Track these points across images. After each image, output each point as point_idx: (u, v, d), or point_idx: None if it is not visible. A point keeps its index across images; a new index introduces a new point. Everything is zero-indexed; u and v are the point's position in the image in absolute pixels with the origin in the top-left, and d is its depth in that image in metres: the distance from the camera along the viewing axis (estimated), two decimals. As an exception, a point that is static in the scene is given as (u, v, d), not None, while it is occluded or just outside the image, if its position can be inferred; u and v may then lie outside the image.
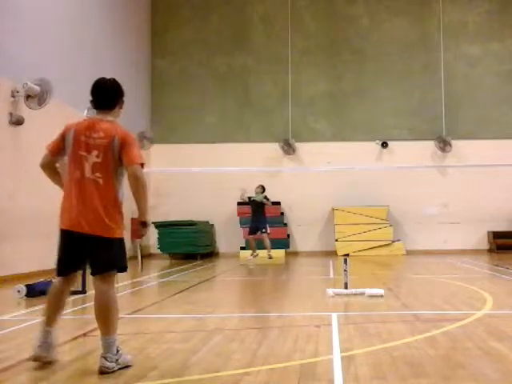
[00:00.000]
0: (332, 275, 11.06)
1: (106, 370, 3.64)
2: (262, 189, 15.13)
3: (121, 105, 4.13)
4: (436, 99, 18.57)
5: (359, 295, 7.31)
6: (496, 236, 17.92)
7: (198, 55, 19.13)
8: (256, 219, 14.91)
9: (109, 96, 4.04)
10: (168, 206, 18.33)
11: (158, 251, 17.34)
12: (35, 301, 7.14)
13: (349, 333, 4.94)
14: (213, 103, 18.96)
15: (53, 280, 7.01)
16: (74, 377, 3.64)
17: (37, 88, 10.72)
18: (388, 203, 17.92)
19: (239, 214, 17.72)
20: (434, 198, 18.22)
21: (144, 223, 3.92)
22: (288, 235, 18.20)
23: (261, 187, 15.16)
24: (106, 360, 3.66)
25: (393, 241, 17.71)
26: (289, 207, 18.48)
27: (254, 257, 14.71)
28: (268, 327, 5.39)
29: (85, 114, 13.03)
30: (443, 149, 18.44)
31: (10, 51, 10.71)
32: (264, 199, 14.88)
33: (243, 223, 17.19)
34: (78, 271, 4.18)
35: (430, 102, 18.63)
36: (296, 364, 3.86)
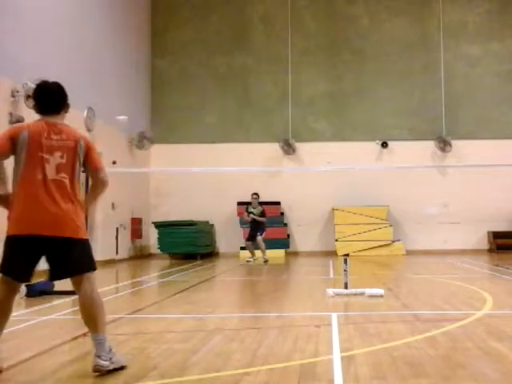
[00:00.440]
0: (332, 275, 11.06)
1: (101, 369, 3.58)
2: (258, 197, 15.05)
3: (66, 109, 3.98)
4: (436, 99, 18.56)
5: (359, 295, 7.31)
6: (496, 236, 17.92)
7: (198, 55, 19.13)
8: (254, 227, 14.85)
9: (56, 99, 3.92)
10: (168, 206, 18.33)
11: (158, 251, 17.33)
12: (35, 301, 7.14)
13: (349, 333, 4.93)
14: (213, 103, 18.96)
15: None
16: (74, 377, 3.63)
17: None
18: (388, 203, 17.92)
19: (239, 214, 17.70)
20: (434, 198, 18.22)
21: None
22: (288, 235, 18.21)
23: (257, 197, 15.02)
24: (100, 359, 3.60)
25: (393, 241, 17.71)
26: (289, 207, 18.48)
27: (254, 260, 14.71)
28: (268, 327, 5.39)
29: (85, 115, 13.09)
30: (443, 149, 18.44)
31: (10, 51, 10.71)
32: (260, 217, 14.80)
33: (243, 223, 17.19)
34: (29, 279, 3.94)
35: (430, 102, 18.63)
36: (296, 364, 3.86)
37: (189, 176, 17.88)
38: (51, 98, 3.89)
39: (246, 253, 15.67)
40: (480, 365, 3.81)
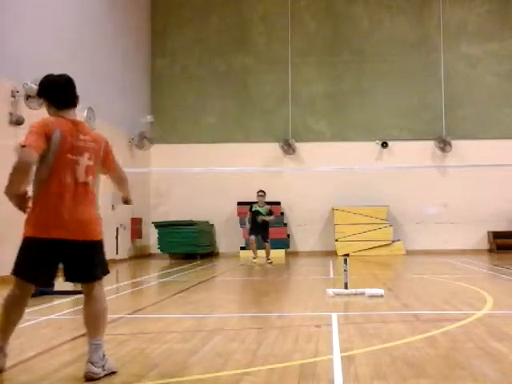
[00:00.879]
0: (332, 275, 11.06)
1: (93, 376, 3.48)
2: (265, 195, 14.42)
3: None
4: (436, 99, 18.57)
5: (359, 295, 7.31)
6: (496, 236, 17.92)
7: (198, 55, 19.13)
8: (258, 228, 14.15)
9: (72, 91, 3.79)
10: (168, 206, 18.33)
11: (158, 251, 17.34)
12: (35, 301, 7.13)
13: (349, 333, 4.93)
14: (213, 103, 18.96)
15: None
16: (75, 377, 3.62)
17: (37, 88, 10.72)
18: (388, 203, 17.92)
19: (239, 214, 17.70)
20: (434, 198, 18.22)
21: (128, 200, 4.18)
22: (288, 235, 18.21)
23: (264, 194, 14.38)
24: (93, 365, 3.51)
25: (393, 241, 17.71)
26: (289, 207, 18.48)
27: (254, 262, 14.23)
28: (268, 327, 5.39)
29: (84, 115, 13.08)
30: (443, 149, 18.44)
31: (10, 51, 10.71)
32: (268, 216, 14.24)
33: (243, 223, 17.17)
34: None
35: (430, 102, 18.64)
36: (296, 364, 3.86)
37: (189, 176, 17.89)
38: (68, 91, 3.76)
39: (246, 253, 15.59)
40: (480, 365, 3.80)
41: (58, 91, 3.73)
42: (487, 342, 4.43)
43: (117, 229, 15.55)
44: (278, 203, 17.91)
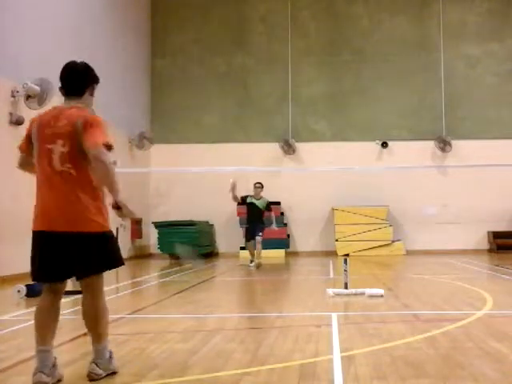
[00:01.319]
0: (332, 275, 11.06)
1: (95, 377, 3.44)
2: (262, 187, 13.61)
3: (91, 91, 3.72)
4: (436, 99, 18.57)
5: (359, 295, 7.31)
6: (496, 236, 17.92)
7: (198, 55, 19.13)
8: (254, 225, 13.23)
9: (79, 80, 3.63)
10: (168, 206, 18.33)
11: (158, 251, 17.33)
12: (35, 301, 7.12)
13: (349, 333, 4.93)
14: (213, 103, 18.96)
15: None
16: (75, 377, 3.62)
17: (37, 88, 10.73)
18: (388, 203, 17.92)
19: (239, 214, 17.68)
20: (434, 198, 18.21)
21: (117, 205, 3.47)
22: (288, 235, 18.20)
23: (261, 186, 13.59)
24: (97, 366, 3.46)
25: (393, 241, 17.71)
26: (289, 207, 18.48)
27: (252, 263, 13.89)
28: (268, 327, 5.39)
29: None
30: (443, 149, 18.45)
31: (10, 51, 10.71)
32: (267, 207, 13.31)
33: (243, 223, 17.16)
34: (66, 279, 3.59)
35: (430, 102, 18.64)
36: (296, 364, 3.85)
37: (189, 176, 17.89)
38: (74, 79, 3.63)
39: (246, 253, 15.57)
40: (480, 365, 3.80)
41: (60, 78, 3.68)
42: (487, 342, 4.43)
43: (117, 229, 15.46)
44: (278, 203, 17.90)
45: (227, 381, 3.52)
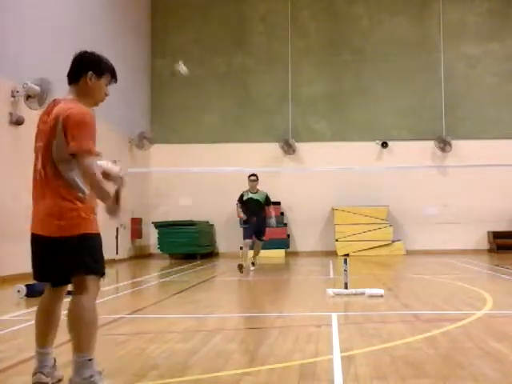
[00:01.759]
0: (332, 275, 11.06)
1: None
2: (257, 179, 12.33)
3: (90, 79, 3.31)
4: (436, 99, 18.57)
5: (359, 295, 7.30)
6: (496, 236, 17.92)
7: (198, 55, 19.12)
8: (257, 222, 12.24)
9: (74, 67, 3.35)
10: (168, 206, 18.33)
11: (158, 251, 17.34)
12: (35, 301, 7.12)
13: (349, 333, 4.93)
14: (213, 103, 18.96)
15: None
16: (74, 377, 3.63)
17: (37, 88, 10.72)
18: (388, 203, 17.92)
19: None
20: (434, 198, 18.22)
21: (110, 209, 3.32)
22: (288, 235, 18.20)
23: (256, 179, 12.29)
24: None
25: (393, 241, 17.71)
26: (289, 207, 18.47)
27: (254, 265, 13.60)
28: (268, 327, 5.39)
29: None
30: (443, 149, 18.45)
31: (10, 51, 10.70)
32: (267, 200, 12.30)
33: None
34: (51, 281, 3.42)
35: (430, 102, 18.63)
36: (296, 364, 3.85)
37: (189, 176, 17.89)
38: (71, 66, 3.39)
39: (248, 253, 15.39)
40: (480, 365, 3.80)
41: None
42: (487, 342, 4.43)
43: (117, 229, 15.54)
44: (278, 203, 17.90)
45: (227, 381, 3.51)
